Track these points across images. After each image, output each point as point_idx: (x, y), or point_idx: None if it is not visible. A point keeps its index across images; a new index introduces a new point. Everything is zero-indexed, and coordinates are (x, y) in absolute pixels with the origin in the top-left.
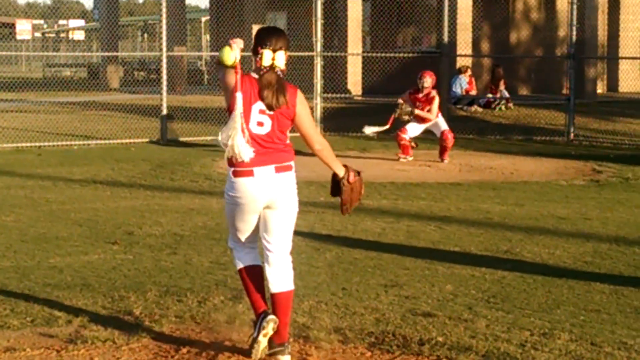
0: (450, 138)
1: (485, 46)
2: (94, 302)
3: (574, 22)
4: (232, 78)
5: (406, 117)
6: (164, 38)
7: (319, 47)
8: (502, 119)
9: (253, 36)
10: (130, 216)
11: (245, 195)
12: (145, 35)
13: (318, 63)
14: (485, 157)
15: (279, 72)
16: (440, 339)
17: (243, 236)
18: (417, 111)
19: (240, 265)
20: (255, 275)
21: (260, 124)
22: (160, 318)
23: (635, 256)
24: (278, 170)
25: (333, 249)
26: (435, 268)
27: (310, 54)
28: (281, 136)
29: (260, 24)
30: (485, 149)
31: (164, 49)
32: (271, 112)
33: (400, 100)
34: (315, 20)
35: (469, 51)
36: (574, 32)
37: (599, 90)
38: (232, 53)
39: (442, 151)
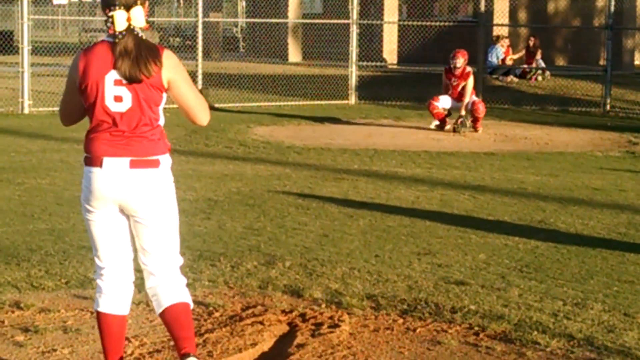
0: (480, 108)
1: (522, 15)
2: None
3: None
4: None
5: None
6: (200, 4)
7: (355, 15)
8: (538, 90)
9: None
10: None
11: (93, 191)
12: (181, 1)
13: (354, 31)
14: (520, 127)
15: (138, 33)
16: (472, 307)
17: (102, 251)
18: (463, 110)
19: (96, 307)
20: (113, 326)
21: (118, 98)
22: (194, 282)
23: None
24: (134, 165)
25: (366, 217)
26: (469, 237)
27: (346, 21)
28: (150, 114)
29: None
30: (520, 119)
31: (200, 15)
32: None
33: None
34: None
35: (506, 20)
36: (612, 3)
37: (637, 62)
38: None
39: (474, 121)
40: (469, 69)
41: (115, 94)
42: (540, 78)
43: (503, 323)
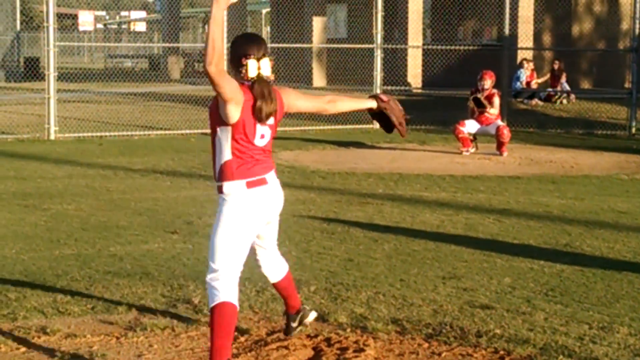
0: (505, 133)
1: (547, 39)
2: (154, 290)
3: (637, 14)
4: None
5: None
6: (225, 30)
7: (379, 39)
8: (563, 113)
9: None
10: (190, 206)
11: (262, 207)
12: (206, 27)
13: (378, 55)
14: (545, 150)
15: (269, 82)
16: (498, 331)
17: (239, 260)
18: (480, 97)
19: (220, 299)
20: (233, 317)
21: (262, 136)
22: None
23: None
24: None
25: (391, 241)
26: (494, 261)
27: (371, 46)
28: (271, 142)
29: (321, 16)
30: (546, 143)
31: (225, 40)
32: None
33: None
34: (376, 12)
35: (531, 44)
36: (637, 25)
37: None
38: None
39: (500, 145)
40: (494, 91)
41: (262, 133)
42: (565, 101)
43: (529, 347)
